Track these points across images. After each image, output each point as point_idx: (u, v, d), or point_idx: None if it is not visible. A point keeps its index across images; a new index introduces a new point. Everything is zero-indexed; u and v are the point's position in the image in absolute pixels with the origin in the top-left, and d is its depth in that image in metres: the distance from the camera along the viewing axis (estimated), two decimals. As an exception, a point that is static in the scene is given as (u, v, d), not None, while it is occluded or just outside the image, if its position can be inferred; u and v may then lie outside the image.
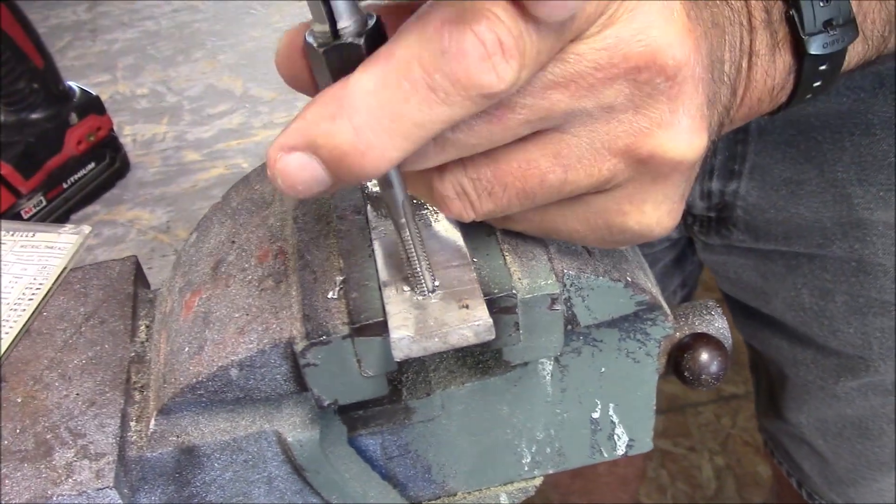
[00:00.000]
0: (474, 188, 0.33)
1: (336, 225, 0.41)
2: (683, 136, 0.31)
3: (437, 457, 0.46)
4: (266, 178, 0.46)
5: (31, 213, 0.78)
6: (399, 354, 0.34)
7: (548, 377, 0.44)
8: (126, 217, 0.81)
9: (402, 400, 0.43)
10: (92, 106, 0.83)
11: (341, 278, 0.38)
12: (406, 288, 0.36)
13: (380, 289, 0.37)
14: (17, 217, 0.76)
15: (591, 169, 0.32)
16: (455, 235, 0.39)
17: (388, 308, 0.35)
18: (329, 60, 0.29)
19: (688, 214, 0.73)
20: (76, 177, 0.81)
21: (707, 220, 0.73)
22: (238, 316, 0.39)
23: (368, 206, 0.41)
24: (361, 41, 0.29)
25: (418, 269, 0.35)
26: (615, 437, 0.49)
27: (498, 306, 0.37)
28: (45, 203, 0.79)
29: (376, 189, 0.42)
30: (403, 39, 0.28)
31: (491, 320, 0.34)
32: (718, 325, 0.49)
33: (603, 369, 0.45)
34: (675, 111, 0.31)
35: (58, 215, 0.80)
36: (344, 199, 0.42)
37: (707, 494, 1.78)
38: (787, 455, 0.86)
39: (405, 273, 0.36)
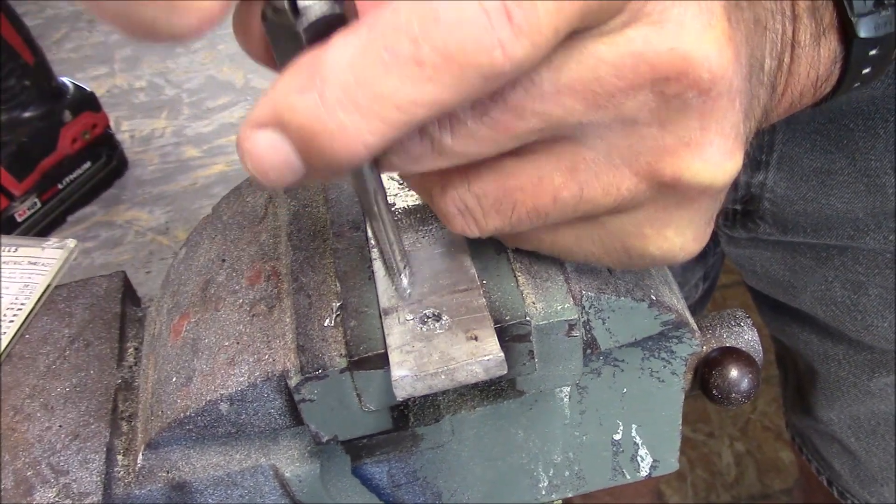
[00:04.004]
0: (479, 205, 0.30)
1: (333, 243, 0.37)
2: (714, 157, 0.28)
3: (447, 483, 0.43)
4: (259, 189, 0.43)
5: (26, 216, 0.75)
6: (401, 394, 0.30)
7: (566, 400, 0.41)
8: (124, 218, 0.77)
9: (410, 426, 0.40)
10: (86, 102, 0.79)
11: (338, 304, 0.35)
12: (409, 316, 0.33)
13: (380, 316, 0.33)
14: (10, 221, 0.73)
15: (609, 187, 0.28)
16: (463, 255, 0.35)
17: (388, 341, 0.32)
18: (304, 36, 0.25)
19: None
20: (72, 177, 0.78)
21: (732, 212, 0.69)
22: (228, 344, 0.36)
23: (368, 221, 0.38)
24: (340, 8, 0.25)
25: (392, 261, 0.32)
26: (638, 458, 0.46)
27: (510, 334, 0.33)
28: (39, 205, 0.76)
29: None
30: (394, 2, 0.24)
31: (502, 354, 0.31)
32: (748, 337, 0.46)
33: (625, 390, 0.42)
34: (707, 129, 0.27)
35: (53, 217, 0.77)
36: (341, 214, 0.38)
37: (727, 481, 1.75)
38: (816, 452, 0.83)
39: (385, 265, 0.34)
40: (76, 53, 1.01)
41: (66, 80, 0.80)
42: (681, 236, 0.31)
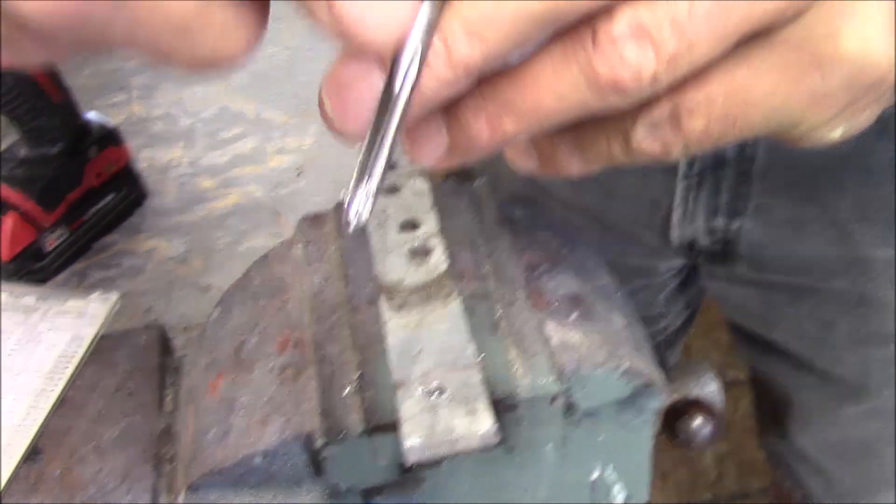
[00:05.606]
0: (654, 18, 0.25)
1: (350, 317, 0.43)
2: None
3: (446, 515, 0.50)
4: (285, 259, 0.49)
5: (54, 245, 0.80)
6: (412, 459, 0.37)
7: (550, 446, 0.47)
8: (145, 247, 0.83)
9: (413, 469, 0.46)
10: (110, 138, 0.84)
11: (357, 374, 0.41)
12: (418, 390, 0.39)
13: (393, 388, 0.40)
14: (39, 252, 0.79)
15: None
16: (463, 333, 0.41)
17: (401, 413, 0.38)
18: None
19: (693, 247, 0.75)
20: (96, 208, 0.83)
21: (712, 252, 0.75)
22: (261, 405, 0.42)
23: (382, 297, 0.44)
24: None
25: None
26: (613, 492, 0.52)
27: (502, 405, 0.39)
28: (67, 235, 0.81)
29: (390, 277, 0.44)
30: None
31: (496, 427, 0.37)
32: (711, 387, 0.52)
33: (601, 437, 0.48)
34: None
35: (79, 245, 0.83)
36: (359, 289, 0.45)
37: (708, 480, 1.82)
38: (790, 471, 0.89)
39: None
40: (94, 80, 1.06)
41: (91, 115, 0.85)
42: (875, 20, 0.27)
